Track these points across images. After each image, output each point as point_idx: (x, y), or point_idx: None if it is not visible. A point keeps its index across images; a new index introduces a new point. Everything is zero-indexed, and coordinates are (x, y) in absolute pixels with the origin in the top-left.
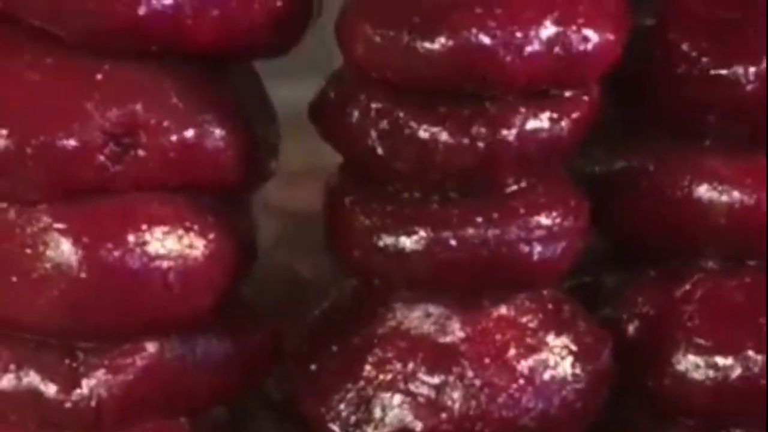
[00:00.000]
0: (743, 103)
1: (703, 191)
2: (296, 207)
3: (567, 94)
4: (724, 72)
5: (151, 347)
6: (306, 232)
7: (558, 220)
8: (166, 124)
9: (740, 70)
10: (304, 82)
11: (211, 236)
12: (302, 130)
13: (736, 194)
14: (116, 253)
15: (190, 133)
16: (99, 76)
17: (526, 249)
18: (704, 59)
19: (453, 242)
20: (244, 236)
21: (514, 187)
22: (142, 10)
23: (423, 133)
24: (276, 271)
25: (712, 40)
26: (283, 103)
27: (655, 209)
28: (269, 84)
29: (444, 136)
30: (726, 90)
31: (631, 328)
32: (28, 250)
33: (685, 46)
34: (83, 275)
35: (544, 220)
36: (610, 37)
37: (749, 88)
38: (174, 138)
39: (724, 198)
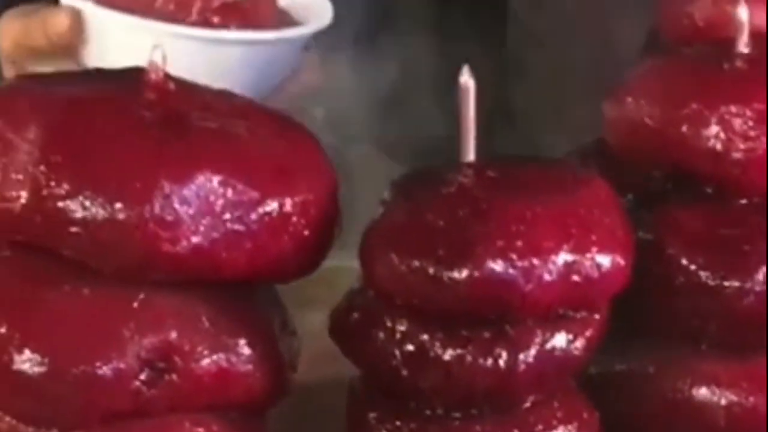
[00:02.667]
0: (740, 315)
1: (702, 394)
2: None
3: (579, 315)
4: (722, 285)
5: None
6: None
7: None
8: (199, 349)
9: (737, 284)
10: None
11: None
12: None
13: (733, 397)
14: None
15: (221, 356)
16: (135, 305)
17: None
18: (702, 273)
19: None
20: None
21: (531, 403)
22: (182, 248)
23: (447, 356)
24: None
25: (710, 255)
26: None
27: (656, 411)
28: None
29: (468, 359)
30: (724, 302)
31: None
32: None
33: (684, 261)
34: None
35: None
36: (621, 262)
37: (746, 301)
38: (207, 362)
39: (723, 401)
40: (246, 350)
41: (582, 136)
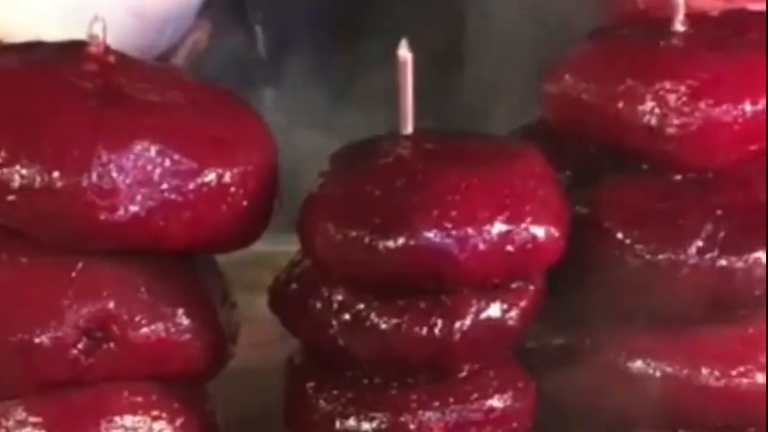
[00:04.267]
0: (674, 287)
1: (638, 367)
2: None
3: (514, 285)
4: (656, 259)
5: None
6: None
7: (509, 402)
8: (137, 318)
9: (671, 257)
10: None
11: (179, 422)
12: None
13: (668, 369)
14: None
15: (160, 326)
16: (73, 274)
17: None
18: (637, 246)
19: (412, 426)
20: (208, 419)
21: (467, 372)
22: (119, 216)
23: (383, 325)
24: None
25: (645, 229)
26: None
27: (593, 384)
28: None
29: (404, 328)
30: (658, 275)
31: None
32: None
33: (619, 234)
34: None
35: (496, 402)
36: (555, 233)
37: (680, 274)
38: (145, 332)
39: (657, 373)
40: (185, 320)
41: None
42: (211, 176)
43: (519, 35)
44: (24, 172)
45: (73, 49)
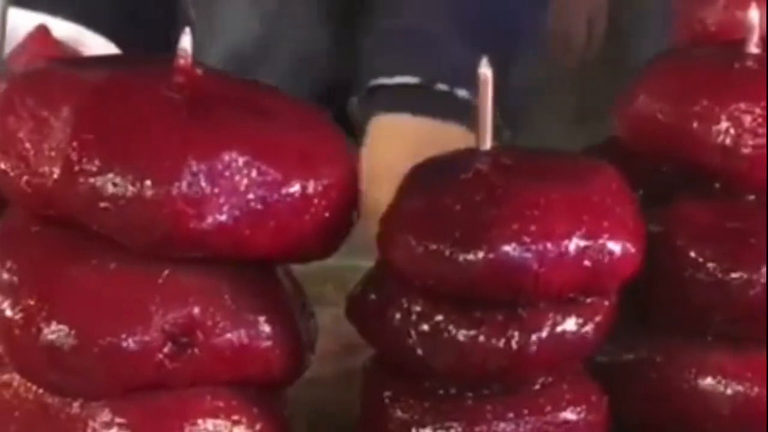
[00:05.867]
0: (745, 306)
1: (708, 384)
2: None
3: (589, 300)
4: (728, 277)
5: None
6: None
7: (582, 415)
8: (221, 324)
9: (743, 276)
10: None
11: (258, 427)
12: None
13: (738, 387)
14: None
15: (242, 332)
16: (160, 280)
17: None
18: (709, 265)
19: None
20: (286, 425)
21: (541, 384)
22: (207, 225)
23: (461, 336)
24: None
25: (717, 247)
26: None
27: (662, 400)
28: None
29: (481, 339)
30: (729, 294)
31: None
32: None
33: (692, 253)
34: None
35: (569, 415)
36: (632, 249)
37: (751, 293)
38: (227, 338)
39: (728, 391)
40: (266, 327)
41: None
42: (295, 187)
43: None
44: (116, 180)
45: (162, 61)
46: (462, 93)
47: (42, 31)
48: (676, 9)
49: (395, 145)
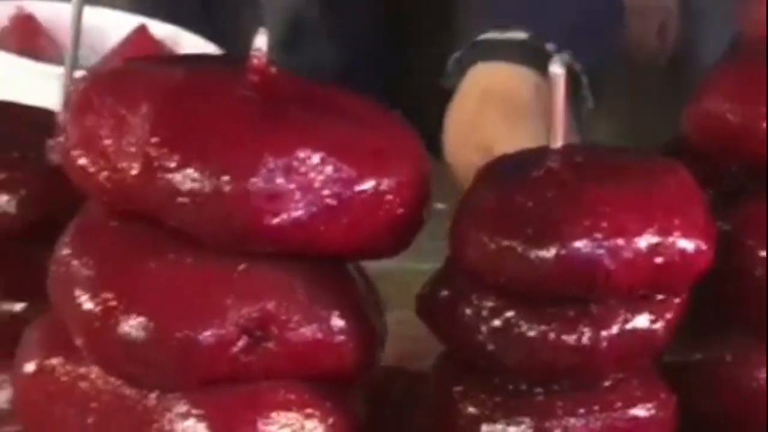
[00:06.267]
0: None
1: None
2: None
3: (660, 297)
4: None
5: None
6: None
7: (651, 413)
8: (295, 319)
9: None
10: None
11: (330, 421)
12: None
13: None
14: None
15: (316, 327)
16: (235, 275)
17: None
18: None
19: None
20: (357, 420)
21: (612, 381)
22: (283, 221)
23: (532, 332)
24: None
25: None
26: None
27: (731, 398)
28: None
29: (551, 335)
30: None
31: None
32: None
33: (761, 252)
34: None
35: (639, 412)
36: (703, 246)
37: None
38: (302, 332)
39: None
40: (339, 322)
41: None
42: (369, 184)
43: None
44: (194, 176)
45: (236, 60)
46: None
47: (142, 31)
48: (744, 4)
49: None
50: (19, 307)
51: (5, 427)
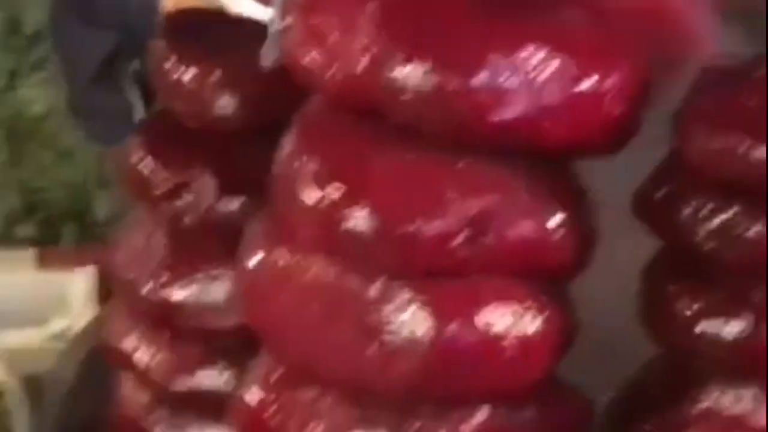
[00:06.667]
0: None
1: None
2: None
3: None
4: None
5: (480, 415)
6: None
7: None
8: (514, 215)
9: None
10: None
11: (546, 315)
12: None
13: None
14: (465, 329)
15: (534, 224)
16: (457, 171)
17: None
18: None
19: None
20: (570, 317)
21: None
22: (505, 116)
23: (751, 233)
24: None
25: None
26: None
27: None
28: None
29: None
30: None
31: None
32: (389, 324)
33: None
34: (435, 347)
35: None
36: None
37: None
38: (520, 229)
39: None
40: (557, 219)
41: None
42: (591, 82)
43: None
44: (418, 72)
45: None
46: None
47: None
48: None
49: None
50: (236, 203)
51: (220, 321)
